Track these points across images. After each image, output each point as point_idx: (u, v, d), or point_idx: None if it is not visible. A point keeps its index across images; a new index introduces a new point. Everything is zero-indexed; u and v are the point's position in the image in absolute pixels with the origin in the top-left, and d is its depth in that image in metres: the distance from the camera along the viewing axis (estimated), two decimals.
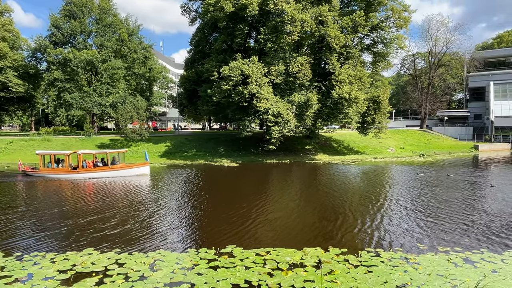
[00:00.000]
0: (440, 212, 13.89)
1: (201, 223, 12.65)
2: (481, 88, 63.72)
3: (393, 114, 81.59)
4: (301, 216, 13.47)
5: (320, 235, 11.09)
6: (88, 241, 10.52)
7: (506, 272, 8.01)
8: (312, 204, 15.86)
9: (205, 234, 11.34)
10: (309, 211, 14.28)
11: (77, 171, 24.82)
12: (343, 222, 12.60)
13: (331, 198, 17.11)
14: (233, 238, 10.70)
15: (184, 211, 14.61)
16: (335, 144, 42.94)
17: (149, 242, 10.45)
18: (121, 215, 13.65)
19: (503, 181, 22.43)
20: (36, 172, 25.42)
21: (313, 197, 17.71)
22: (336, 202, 16.23)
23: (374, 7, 36.04)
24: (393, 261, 8.71)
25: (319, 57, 35.37)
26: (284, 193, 18.87)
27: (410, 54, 64.07)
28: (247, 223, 12.47)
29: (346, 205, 15.48)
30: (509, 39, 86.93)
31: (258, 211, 14.25)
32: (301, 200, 16.88)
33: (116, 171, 25.26)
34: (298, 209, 14.79)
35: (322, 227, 12.02)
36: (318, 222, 12.66)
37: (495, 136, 52.65)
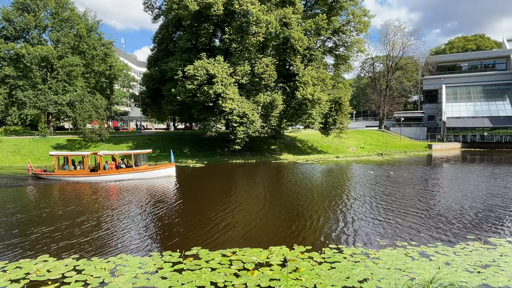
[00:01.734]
0: (399, 208, 14.63)
1: (166, 226, 12.37)
2: (434, 91, 67.90)
3: (354, 115, 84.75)
4: (267, 216, 13.60)
5: (285, 234, 11.27)
6: (44, 248, 9.92)
7: (458, 264, 8.58)
8: (278, 203, 16.07)
9: (170, 236, 11.11)
10: (275, 210, 14.45)
11: (98, 173, 23.37)
12: (308, 220, 12.89)
13: (296, 197, 17.45)
14: (199, 239, 10.58)
15: (147, 214, 14.22)
16: (300, 144, 43.82)
17: (110, 247, 10.07)
18: (83, 219, 13.02)
19: (454, 178, 24.09)
20: (50, 175, 23.78)
21: (278, 196, 17.95)
22: (301, 200, 16.56)
23: (336, 11, 37.26)
24: (355, 256, 9.05)
25: (283, 58, 35.92)
26: (250, 193, 18.95)
27: (370, 58, 66.90)
28: (213, 224, 12.39)
29: (310, 204, 15.85)
30: (459, 45, 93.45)
31: (225, 212, 14.21)
32: (267, 199, 17.04)
33: (141, 173, 23.94)
34: (264, 208, 14.92)
35: (287, 226, 12.22)
36: (284, 221, 12.85)
37: (447, 136, 56.33)
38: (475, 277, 7.79)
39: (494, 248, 9.66)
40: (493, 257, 9.01)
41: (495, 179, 22.68)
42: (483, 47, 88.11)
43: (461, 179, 23.27)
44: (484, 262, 8.67)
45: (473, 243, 10.08)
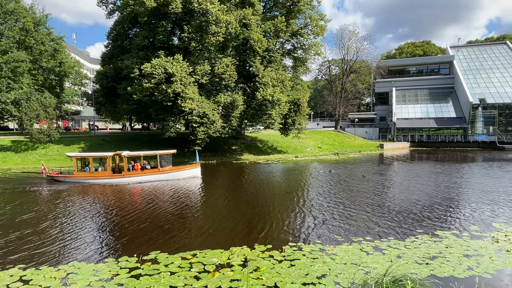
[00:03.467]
0: (354, 205, 15.27)
1: (122, 231, 11.86)
2: (385, 93, 71.91)
3: (312, 116, 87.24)
4: (228, 216, 13.55)
5: (247, 234, 11.30)
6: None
7: (408, 257, 9.10)
8: (239, 203, 16.07)
9: (127, 241, 10.67)
10: (236, 211, 14.44)
11: (122, 174, 22.52)
12: (269, 219, 13.03)
13: (257, 197, 17.55)
14: (158, 243, 10.27)
15: (103, 218, 13.56)
16: (260, 144, 44.20)
17: (60, 254, 9.45)
18: (45, 226, 12.08)
19: (404, 175, 25.64)
20: (69, 177, 22.66)
21: (239, 196, 17.95)
22: (262, 200, 16.70)
23: (294, 14, 38.07)
24: (314, 253, 9.30)
25: (243, 59, 36.02)
26: (211, 194, 18.76)
27: (326, 61, 69.31)
28: (173, 227, 12.10)
29: (271, 203, 16.04)
30: (408, 50, 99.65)
31: (184, 213, 13.94)
32: (228, 200, 16.98)
33: (166, 174, 23.35)
34: (225, 209, 14.85)
35: (249, 226, 12.26)
36: (245, 221, 12.88)
37: (397, 136, 59.79)
38: (424, 269, 8.32)
39: (440, 241, 10.38)
40: (439, 249, 9.68)
41: (441, 176, 24.43)
42: (429, 52, 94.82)
43: (410, 176, 24.81)
44: (431, 254, 9.29)
45: (422, 237, 10.78)
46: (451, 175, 24.92)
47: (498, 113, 55.98)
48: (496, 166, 29.83)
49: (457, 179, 23.01)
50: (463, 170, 27.78)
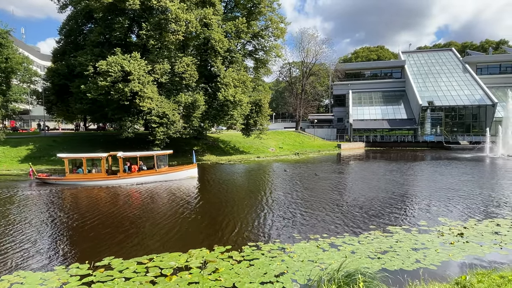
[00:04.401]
0: (312, 203, 15.67)
1: (73, 236, 11.26)
2: (343, 96, 74.75)
3: (273, 116, 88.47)
4: (187, 218, 13.33)
5: (206, 235, 11.19)
6: None
7: (361, 252, 9.50)
8: (198, 204, 15.88)
9: (78, 248, 10.14)
10: (195, 212, 14.24)
11: (118, 176, 21.91)
12: (229, 220, 13.00)
13: (217, 198, 17.45)
14: (112, 249, 9.87)
15: (52, 224, 12.75)
16: (222, 145, 44.01)
17: (6, 263, 8.77)
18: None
19: (359, 173, 26.79)
20: (61, 179, 21.72)
21: (200, 197, 17.73)
22: (222, 201, 16.63)
23: (255, 16, 38.39)
24: (272, 252, 9.42)
25: (205, 59, 35.70)
26: (170, 196, 18.35)
27: (287, 63, 70.63)
28: (129, 231, 11.69)
29: (232, 203, 16.03)
30: (363, 54, 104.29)
31: (142, 216, 13.51)
32: (188, 201, 16.70)
33: (163, 175, 23.01)
34: (184, 211, 14.58)
35: (208, 227, 12.15)
36: (205, 223, 12.75)
37: (353, 136, 62.29)
38: (375, 263, 8.72)
39: (391, 236, 10.94)
40: (390, 243, 10.19)
41: (393, 174, 25.79)
42: (383, 57, 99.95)
43: (365, 175, 25.97)
44: (383, 248, 9.76)
45: (375, 232, 11.30)
46: (402, 173, 26.40)
47: (445, 115, 60.29)
48: (443, 164, 32.08)
49: (408, 177, 24.44)
50: (414, 168, 29.55)
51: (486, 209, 14.39)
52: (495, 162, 34.62)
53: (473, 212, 13.89)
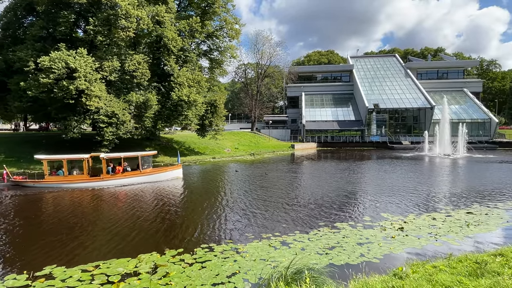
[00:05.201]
0: (266, 202, 15.93)
1: (20, 244, 10.39)
2: (296, 97, 76.86)
3: (229, 117, 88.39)
4: (137, 222, 12.89)
5: (156, 239, 10.92)
6: None
7: (311, 248, 9.86)
8: (150, 208, 15.41)
9: (14, 257, 9.37)
10: (146, 216, 13.82)
11: (101, 178, 21.21)
12: (181, 222, 12.82)
13: (170, 200, 17.07)
14: (53, 257, 9.27)
15: (11, 232, 11.67)
16: (177, 146, 43.05)
17: None
18: None
19: (311, 172, 27.73)
20: (40, 182, 20.50)
21: (151, 200, 17.22)
22: (175, 203, 16.31)
23: (209, 16, 38.13)
24: (225, 253, 9.46)
25: (157, 57, 34.73)
26: (118, 199, 17.61)
27: (242, 64, 71.03)
28: (72, 237, 11.04)
29: (185, 205, 15.79)
30: (315, 58, 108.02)
31: (88, 221, 12.83)
32: (138, 204, 16.15)
33: (148, 176, 22.64)
34: (134, 214, 14.08)
35: (159, 231, 11.86)
36: (156, 226, 12.42)
37: (306, 137, 64.28)
38: (323, 258, 9.11)
39: (338, 232, 11.50)
40: (337, 239, 10.71)
41: (343, 172, 27.03)
42: (333, 61, 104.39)
43: (317, 173, 26.94)
44: (331, 244, 10.23)
45: (323, 229, 11.80)
46: (351, 171, 27.78)
47: (389, 117, 64.46)
48: (387, 163, 34.27)
49: (356, 175, 25.77)
50: (361, 167, 31.23)
51: (424, 204, 15.65)
52: (433, 160, 37.71)
53: (412, 207, 15.04)
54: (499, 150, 51.82)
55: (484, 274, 5.89)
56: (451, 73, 75.87)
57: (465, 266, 6.68)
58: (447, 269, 6.61)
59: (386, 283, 5.76)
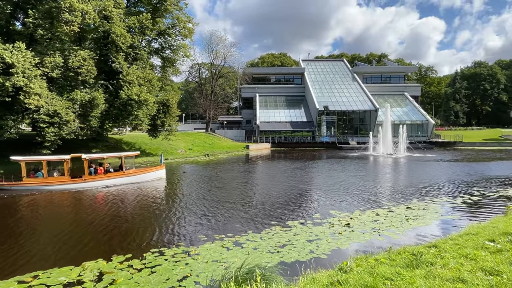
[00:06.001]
0: (219, 203, 15.88)
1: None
2: (250, 98, 77.53)
3: (183, 117, 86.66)
4: (81, 228, 12.18)
5: (102, 245, 10.42)
6: None
7: (263, 247, 10.02)
8: (95, 212, 14.63)
9: None
10: (91, 221, 13.10)
11: (83, 179, 20.75)
12: (130, 227, 12.33)
13: (117, 204, 16.34)
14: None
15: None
16: (126, 147, 41.26)
17: None
18: None
19: (265, 172, 28.14)
20: (17, 184, 19.68)
21: (97, 204, 16.36)
22: (122, 207, 15.64)
23: (161, 13, 37.06)
24: (176, 256, 9.29)
25: (105, 54, 33.02)
26: (61, 203, 16.48)
27: (196, 63, 70.03)
28: (18, 245, 10.14)
29: (133, 209, 15.20)
30: (269, 60, 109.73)
31: (27, 229, 11.84)
32: (82, 209, 15.25)
33: (131, 177, 22.49)
34: (78, 220, 13.28)
35: (105, 236, 11.31)
36: (102, 231, 11.83)
37: (260, 137, 65.04)
38: (275, 257, 9.32)
39: (290, 230, 11.82)
40: (289, 237, 11.00)
41: (294, 172, 27.76)
42: (286, 64, 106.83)
43: (270, 173, 27.40)
44: (282, 242, 10.48)
45: (275, 228, 12.06)
46: (302, 170, 28.63)
47: (338, 119, 67.45)
48: (336, 162, 35.84)
49: (307, 174, 26.62)
50: (312, 166, 32.31)
51: (369, 201, 16.61)
52: (377, 159, 40.14)
53: (358, 204, 15.90)
54: (435, 149, 56.56)
55: (420, 265, 6.38)
56: (393, 77, 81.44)
57: (403, 258, 7.20)
58: (387, 261, 7.08)
59: (332, 277, 6.04)
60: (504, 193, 17.86)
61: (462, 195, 17.55)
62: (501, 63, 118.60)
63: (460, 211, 14.37)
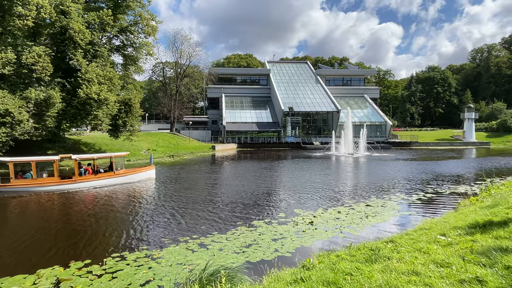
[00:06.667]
0: (184, 205, 15.65)
1: None
2: (216, 99, 77.11)
3: (146, 117, 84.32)
4: (36, 234, 11.50)
5: (60, 252, 9.90)
6: None
7: (228, 248, 10.01)
8: (49, 217, 13.87)
9: None
10: (46, 226, 12.41)
11: (74, 180, 20.52)
12: (88, 232, 11.82)
13: (75, 208, 15.60)
14: None
15: None
16: (85, 148, 39.43)
17: None
18: None
19: (232, 173, 28.10)
20: (5, 186, 19.09)
21: (51, 208, 15.51)
22: (79, 211, 14.96)
23: (123, 9, 35.83)
24: (139, 261, 9.04)
25: (62, 50, 31.36)
26: (12, 210, 15.44)
27: (160, 62, 68.40)
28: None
29: (92, 213, 14.58)
30: (234, 61, 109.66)
31: (10, 232, 11.00)
32: (37, 214, 14.40)
33: (122, 177, 22.55)
34: (31, 226, 12.52)
35: (63, 242, 10.77)
36: (59, 237, 11.26)
37: (227, 138, 64.90)
38: (240, 257, 9.34)
39: (255, 229, 11.91)
40: (254, 237, 11.08)
41: (260, 171, 27.97)
42: (252, 65, 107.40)
43: (236, 173, 27.39)
44: (247, 242, 10.53)
45: (241, 228, 12.10)
46: (268, 170, 28.93)
47: (302, 119, 68.94)
48: (300, 162, 36.59)
49: (272, 174, 26.93)
50: (277, 166, 32.74)
51: (331, 199, 17.13)
52: (339, 159, 41.47)
53: (321, 202, 16.35)
54: (393, 149, 59.46)
55: (378, 260, 6.69)
56: (354, 80, 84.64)
57: (363, 254, 7.52)
58: (348, 257, 7.36)
59: (295, 275, 6.19)
60: (455, 190, 19.16)
61: (417, 192, 18.60)
62: (452, 68, 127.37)
63: (415, 208, 15.23)
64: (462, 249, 6.24)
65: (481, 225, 7.75)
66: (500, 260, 5.27)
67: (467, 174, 26.21)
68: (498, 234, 6.83)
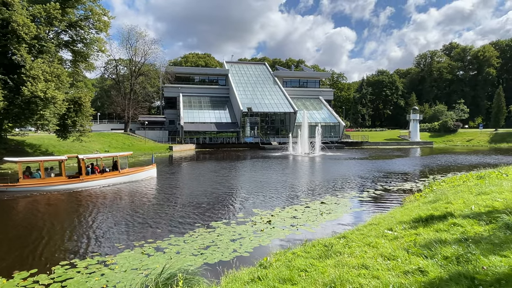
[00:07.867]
0: (139, 208, 15.19)
1: None
2: (174, 98, 75.48)
3: (98, 117, 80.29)
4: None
5: (3, 261, 9.17)
6: None
7: (186, 251, 9.84)
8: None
9: None
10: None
11: (81, 179, 20.62)
12: (36, 239, 11.07)
13: (20, 212, 14.51)
14: None
15: None
16: (30, 150, 36.67)
17: None
18: None
19: (190, 174, 27.70)
20: (13, 185, 18.90)
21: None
22: (28, 215, 13.94)
23: (72, 3, 33.83)
24: (90, 268, 8.65)
25: (4, 44, 28.90)
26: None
27: (113, 59, 65.44)
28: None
29: (40, 217, 13.65)
30: (192, 60, 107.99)
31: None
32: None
33: (127, 176, 23.04)
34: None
35: (6, 250, 9.98)
36: (9, 244, 10.41)
37: (185, 138, 63.76)
38: (198, 259, 9.27)
39: (213, 230, 11.87)
40: (212, 238, 11.04)
41: (219, 172, 27.86)
42: (210, 64, 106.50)
43: (194, 174, 27.05)
44: (206, 244, 10.47)
45: (199, 229, 12.00)
46: (227, 170, 28.91)
47: (260, 120, 69.69)
48: (259, 162, 37.00)
49: (231, 174, 26.95)
50: (236, 166, 32.84)
51: (288, 198, 17.57)
52: (296, 158, 42.55)
53: (278, 201, 16.70)
54: (346, 148, 62.17)
55: (331, 255, 7.00)
56: (310, 82, 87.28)
57: (317, 250, 7.83)
58: (303, 254, 7.63)
59: (253, 274, 6.31)
60: (401, 187, 20.53)
61: (368, 190, 19.66)
62: (400, 72, 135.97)
63: (366, 204, 16.10)
64: (406, 242, 6.72)
65: (424, 219, 8.38)
66: (439, 251, 5.76)
67: (413, 171, 28.17)
68: (439, 227, 7.43)
